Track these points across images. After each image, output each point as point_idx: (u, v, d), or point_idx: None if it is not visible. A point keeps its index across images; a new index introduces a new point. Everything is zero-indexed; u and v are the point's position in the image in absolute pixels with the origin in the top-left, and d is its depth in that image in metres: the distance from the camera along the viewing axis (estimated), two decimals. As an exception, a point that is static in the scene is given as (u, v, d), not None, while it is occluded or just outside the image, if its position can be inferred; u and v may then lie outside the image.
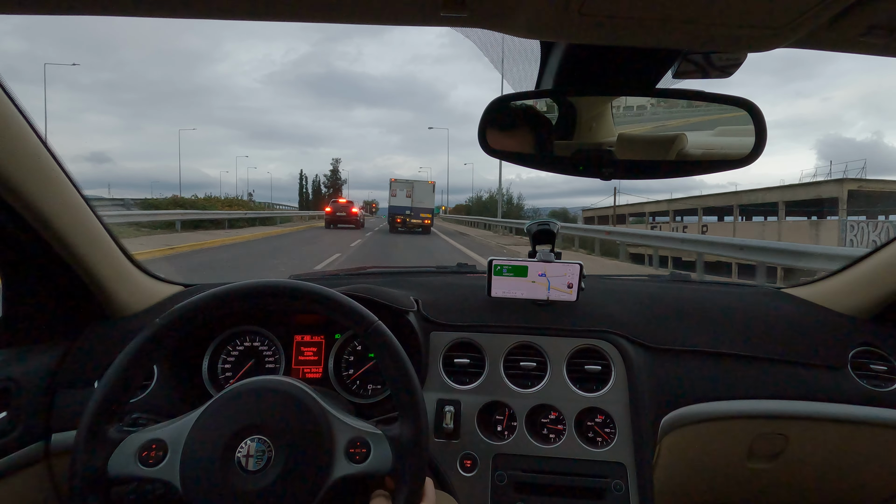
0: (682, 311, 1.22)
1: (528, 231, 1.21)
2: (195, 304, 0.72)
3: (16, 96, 0.77)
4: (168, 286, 1.26)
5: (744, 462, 1.13)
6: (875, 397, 1.09)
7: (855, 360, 1.13)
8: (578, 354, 1.11)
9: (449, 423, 1.04)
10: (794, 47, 0.54)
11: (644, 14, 0.47)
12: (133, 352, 0.68)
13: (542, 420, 1.07)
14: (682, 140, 0.77)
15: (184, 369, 1.07)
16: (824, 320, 1.22)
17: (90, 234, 0.97)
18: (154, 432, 0.67)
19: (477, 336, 1.12)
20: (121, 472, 0.64)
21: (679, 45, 0.56)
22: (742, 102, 0.72)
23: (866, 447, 1.12)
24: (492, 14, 0.49)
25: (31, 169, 0.81)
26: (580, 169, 0.80)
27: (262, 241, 15.84)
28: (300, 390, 0.70)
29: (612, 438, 1.04)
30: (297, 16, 0.50)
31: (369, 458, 0.67)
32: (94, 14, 0.49)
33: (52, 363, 1.01)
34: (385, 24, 0.51)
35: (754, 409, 1.08)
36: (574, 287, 1.13)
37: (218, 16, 0.50)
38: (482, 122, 0.76)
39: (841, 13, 0.46)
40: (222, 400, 0.68)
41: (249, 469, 0.63)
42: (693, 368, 1.11)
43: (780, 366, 1.12)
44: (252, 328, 1.14)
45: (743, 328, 1.18)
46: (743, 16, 0.47)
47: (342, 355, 1.15)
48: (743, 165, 0.76)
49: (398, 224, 24.07)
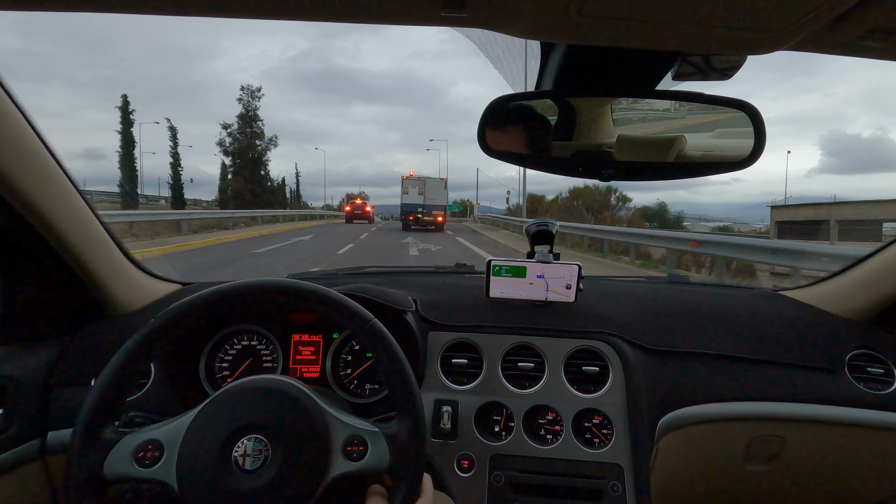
0: (679, 313, 1.22)
1: (527, 231, 1.22)
2: (192, 304, 0.71)
3: (14, 94, 0.77)
4: (166, 284, 1.26)
5: (741, 464, 1.13)
6: (872, 400, 1.09)
7: (852, 363, 1.14)
8: (576, 355, 1.11)
9: (446, 423, 1.03)
10: (793, 50, 0.55)
11: (643, 16, 0.47)
12: (129, 351, 0.68)
13: (540, 421, 1.07)
14: (681, 142, 0.77)
15: (181, 368, 1.07)
16: (822, 323, 1.22)
17: (88, 232, 0.97)
18: (150, 433, 0.66)
19: (475, 336, 1.12)
20: (117, 472, 0.64)
21: (679, 46, 0.56)
22: (741, 105, 0.72)
23: (863, 450, 1.12)
24: (492, 14, 0.49)
25: (30, 167, 0.80)
26: (579, 170, 0.80)
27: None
28: (297, 389, 0.69)
29: (609, 440, 1.04)
30: (297, 15, 0.50)
31: (367, 455, 0.67)
32: (92, 11, 0.49)
33: (49, 361, 1.00)
34: (385, 23, 0.51)
35: (751, 412, 1.08)
36: (572, 288, 1.13)
37: (218, 14, 0.50)
38: (482, 122, 0.76)
39: (840, 16, 0.46)
40: (219, 399, 0.68)
41: (246, 468, 0.63)
42: (690, 370, 1.11)
43: (778, 368, 1.12)
44: (249, 327, 1.14)
45: (740, 330, 1.18)
46: (742, 18, 0.47)
47: (340, 355, 1.15)
48: (743, 167, 0.76)
49: (410, 222, 23.84)
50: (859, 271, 1.23)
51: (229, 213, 22.02)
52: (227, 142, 39.09)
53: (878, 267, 1.18)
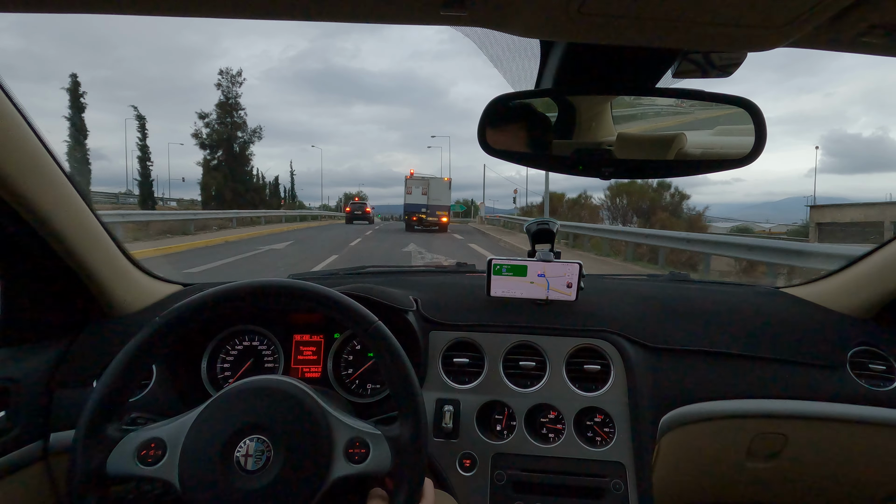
0: (681, 311, 1.22)
1: (528, 230, 1.22)
2: (198, 302, 0.71)
3: (14, 94, 0.76)
4: (166, 285, 1.26)
5: (742, 461, 1.13)
6: (874, 397, 1.09)
7: (854, 360, 1.14)
8: (578, 354, 1.11)
9: (448, 422, 1.04)
10: (793, 47, 0.54)
11: (643, 13, 0.47)
12: (135, 349, 0.68)
13: (542, 419, 1.07)
14: (681, 139, 0.77)
15: (182, 369, 1.07)
16: (823, 320, 1.22)
17: (88, 233, 0.97)
18: (153, 431, 0.67)
19: (476, 335, 1.12)
20: (120, 470, 0.64)
21: (678, 44, 0.56)
22: (742, 102, 0.72)
23: (865, 447, 1.12)
24: (492, 13, 0.49)
25: (30, 168, 0.80)
26: (580, 168, 0.80)
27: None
28: (300, 390, 0.69)
29: (611, 438, 1.04)
30: (297, 14, 0.50)
31: (368, 458, 0.67)
32: (92, 12, 0.49)
33: (51, 362, 1.00)
34: (385, 22, 0.51)
35: (753, 409, 1.08)
36: (573, 286, 1.13)
37: (218, 14, 0.50)
38: (482, 121, 0.76)
39: (840, 13, 0.46)
40: (222, 399, 0.68)
41: (248, 468, 0.63)
42: (692, 368, 1.11)
43: (779, 365, 1.12)
44: (251, 328, 1.14)
45: (742, 328, 1.18)
46: (742, 15, 0.47)
47: (341, 355, 1.15)
48: (743, 165, 0.76)
49: (414, 222, 22.87)
50: (861, 268, 1.23)
51: (191, 213, 18.43)
52: (203, 133, 32.87)
53: (879, 263, 1.18)
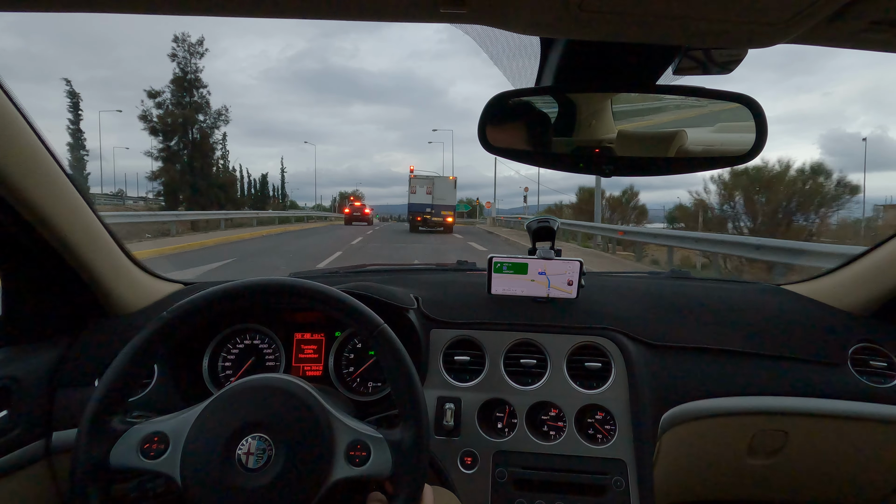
0: (682, 308, 1.22)
1: (528, 228, 1.22)
2: (205, 299, 0.72)
3: (13, 94, 0.76)
4: (167, 284, 1.26)
5: (744, 458, 1.13)
6: (875, 394, 1.09)
7: (855, 357, 1.14)
8: (579, 351, 1.11)
9: (449, 420, 1.04)
10: (795, 43, 0.54)
11: (644, 10, 0.46)
12: (140, 344, 0.68)
13: (543, 417, 1.07)
14: (682, 137, 0.76)
15: (184, 368, 1.07)
16: (824, 317, 1.22)
17: (89, 232, 0.97)
18: (157, 425, 0.67)
19: (477, 333, 1.13)
20: (122, 463, 0.64)
21: (679, 41, 0.55)
22: (742, 98, 0.72)
23: (866, 443, 1.12)
24: (491, 10, 0.49)
25: (30, 167, 0.80)
26: (580, 166, 0.79)
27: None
28: (302, 389, 0.69)
29: (612, 435, 1.04)
30: (296, 12, 0.50)
31: (369, 461, 0.67)
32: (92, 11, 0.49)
33: (53, 361, 1.00)
34: (385, 20, 0.51)
35: (754, 406, 1.08)
36: (574, 284, 1.13)
37: (218, 13, 0.50)
38: (482, 118, 0.76)
39: (842, 9, 0.46)
40: (224, 397, 0.68)
41: (249, 466, 0.63)
42: (693, 365, 1.11)
43: (780, 362, 1.12)
44: (252, 326, 1.14)
45: (743, 325, 1.18)
46: (743, 11, 0.46)
47: (342, 353, 1.15)
48: (744, 162, 0.76)
49: (419, 223, 21.88)
50: (862, 265, 1.23)
51: (123, 214, 14.67)
52: (153, 115, 22.88)
53: (880, 260, 1.18)
